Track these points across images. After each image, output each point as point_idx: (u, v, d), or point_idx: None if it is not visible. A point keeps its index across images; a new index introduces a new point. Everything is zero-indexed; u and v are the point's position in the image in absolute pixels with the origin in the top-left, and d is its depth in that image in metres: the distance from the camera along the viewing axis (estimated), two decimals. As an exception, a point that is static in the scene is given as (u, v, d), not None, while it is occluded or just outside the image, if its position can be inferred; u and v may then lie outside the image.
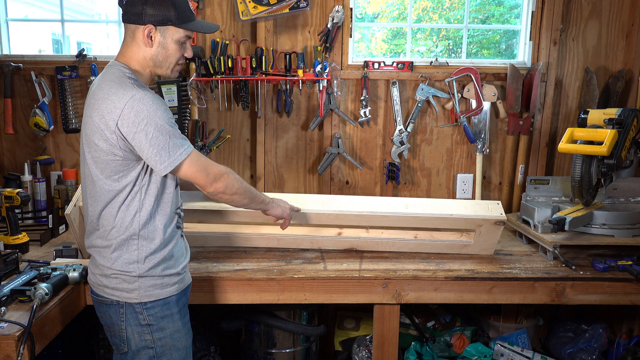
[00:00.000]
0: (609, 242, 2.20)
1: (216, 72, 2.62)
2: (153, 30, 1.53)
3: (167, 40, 1.56)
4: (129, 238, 1.55)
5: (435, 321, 2.76)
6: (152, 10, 1.51)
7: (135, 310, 1.56)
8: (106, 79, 1.52)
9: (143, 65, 1.58)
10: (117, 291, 1.56)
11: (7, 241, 2.15)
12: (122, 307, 1.57)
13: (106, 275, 1.57)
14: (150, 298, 1.57)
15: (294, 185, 2.88)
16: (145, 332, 1.57)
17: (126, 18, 1.54)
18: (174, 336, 1.62)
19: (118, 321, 1.58)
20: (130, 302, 1.56)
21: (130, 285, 1.55)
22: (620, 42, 2.79)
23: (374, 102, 2.80)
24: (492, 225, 2.15)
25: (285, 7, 2.61)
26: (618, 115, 2.19)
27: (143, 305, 1.56)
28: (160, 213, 1.58)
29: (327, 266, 2.08)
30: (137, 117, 1.45)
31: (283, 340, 2.48)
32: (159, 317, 1.58)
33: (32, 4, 4.27)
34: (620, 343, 2.68)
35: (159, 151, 1.48)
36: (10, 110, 2.69)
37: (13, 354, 1.48)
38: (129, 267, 1.55)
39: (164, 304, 1.59)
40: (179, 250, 1.66)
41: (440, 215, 2.14)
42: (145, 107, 1.46)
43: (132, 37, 1.55)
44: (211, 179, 1.59)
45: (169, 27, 1.55)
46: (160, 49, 1.56)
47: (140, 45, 1.55)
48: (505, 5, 2.93)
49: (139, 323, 1.57)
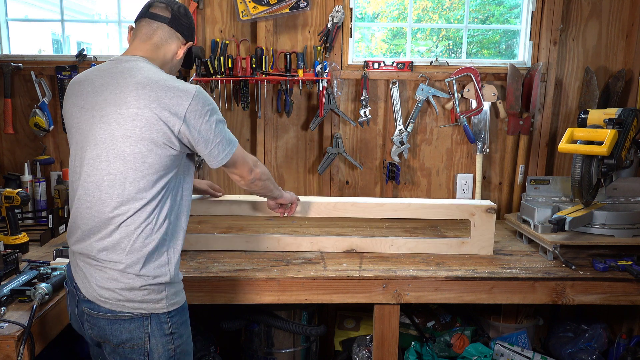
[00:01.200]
0: (609, 242, 2.20)
1: (216, 72, 2.62)
2: (185, 44, 1.64)
3: (181, 52, 1.65)
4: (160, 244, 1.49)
5: (435, 321, 2.76)
6: (192, 31, 1.66)
7: (161, 321, 1.50)
8: (154, 71, 1.50)
9: (165, 68, 1.62)
10: (145, 303, 1.47)
11: (7, 241, 2.15)
12: (147, 319, 1.48)
13: (133, 287, 1.46)
14: (174, 306, 1.52)
15: (294, 185, 2.88)
16: (169, 341, 1.52)
17: (174, 25, 1.58)
18: (188, 341, 1.59)
19: (141, 334, 1.48)
20: (156, 313, 1.49)
21: (158, 295, 1.49)
22: (620, 42, 2.79)
23: (374, 102, 2.80)
24: (484, 214, 2.20)
25: (285, 7, 2.61)
26: (618, 115, 2.19)
27: (169, 314, 1.51)
28: (184, 213, 1.58)
29: (327, 266, 2.08)
30: (204, 108, 1.48)
31: (283, 340, 2.48)
32: (179, 324, 1.55)
33: (32, 4, 4.28)
34: (620, 343, 2.68)
35: (221, 141, 1.53)
36: (10, 110, 2.69)
37: (13, 354, 1.48)
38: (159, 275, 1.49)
39: (182, 310, 1.56)
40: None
41: (434, 202, 2.26)
42: (208, 99, 1.51)
43: (169, 42, 1.59)
44: (252, 167, 1.69)
45: (185, 47, 1.65)
46: (178, 64, 1.67)
47: (170, 52, 1.60)
48: (505, 5, 2.93)
49: (164, 333, 1.51)
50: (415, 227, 2.61)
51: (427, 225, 2.64)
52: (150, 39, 1.57)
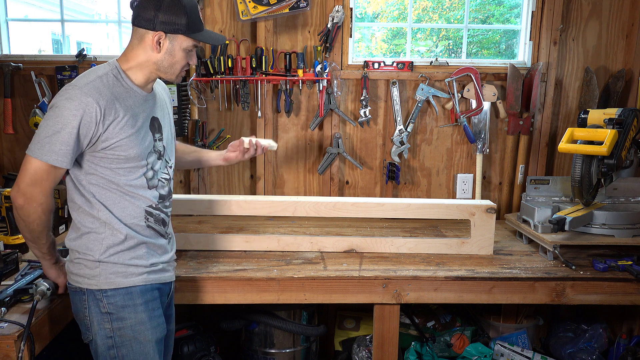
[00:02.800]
0: (609, 242, 2.20)
1: (216, 72, 2.62)
2: (163, 38, 1.54)
3: (175, 48, 1.57)
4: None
5: (435, 321, 2.77)
6: (165, 17, 1.51)
7: (96, 297, 1.57)
8: (86, 72, 1.56)
9: (143, 67, 1.58)
10: (80, 277, 1.58)
11: (7, 241, 2.15)
12: (85, 294, 1.58)
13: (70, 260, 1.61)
14: (112, 285, 1.58)
15: (294, 186, 2.88)
16: (105, 320, 1.58)
17: (136, 22, 1.54)
18: (135, 328, 1.60)
19: (82, 308, 1.59)
20: (91, 289, 1.57)
21: (92, 271, 1.57)
22: (620, 42, 2.79)
23: (374, 102, 2.80)
24: (484, 214, 2.20)
25: (285, 7, 2.61)
26: (618, 115, 2.19)
27: (103, 292, 1.57)
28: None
29: (327, 266, 2.08)
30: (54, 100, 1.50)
31: (283, 340, 2.48)
32: (119, 306, 1.58)
33: (32, 4, 4.28)
34: (620, 343, 2.68)
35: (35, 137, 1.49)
36: (10, 110, 2.69)
37: (13, 354, 1.48)
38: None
39: (127, 293, 1.59)
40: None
41: (434, 202, 2.25)
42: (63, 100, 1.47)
43: (140, 40, 1.55)
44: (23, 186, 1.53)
45: (179, 36, 1.55)
46: (167, 55, 1.57)
47: (147, 49, 1.55)
48: (505, 5, 2.93)
49: (100, 311, 1.57)
50: (415, 227, 2.61)
51: (427, 225, 2.64)
52: (128, 43, 1.59)
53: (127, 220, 1.59)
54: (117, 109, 1.51)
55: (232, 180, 2.87)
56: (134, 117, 1.55)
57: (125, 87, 1.56)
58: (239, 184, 2.87)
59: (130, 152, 1.55)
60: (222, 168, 2.84)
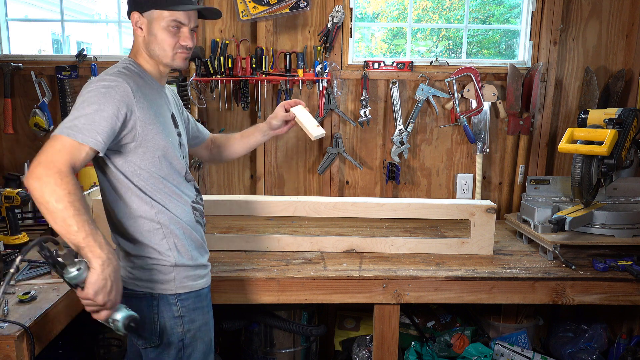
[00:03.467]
0: (609, 242, 2.20)
1: (216, 72, 2.62)
2: (139, 17, 1.49)
3: (153, 26, 1.49)
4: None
5: (435, 321, 2.77)
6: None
7: (170, 302, 1.54)
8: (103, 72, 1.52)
9: (144, 57, 1.55)
10: (152, 283, 1.53)
11: (7, 241, 2.15)
12: (156, 300, 1.53)
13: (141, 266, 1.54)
14: (185, 289, 1.55)
15: (294, 186, 2.88)
16: (178, 324, 1.56)
17: (130, 5, 1.52)
18: (201, 329, 1.61)
19: (150, 314, 1.53)
20: (165, 294, 1.54)
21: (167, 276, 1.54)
22: (620, 42, 2.79)
23: (374, 102, 2.80)
24: (484, 214, 2.20)
25: (285, 7, 2.61)
26: (618, 115, 2.19)
27: (178, 296, 1.55)
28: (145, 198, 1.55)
29: (327, 266, 2.08)
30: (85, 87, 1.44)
31: (283, 340, 2.48)
32: (191, 309, 1.58)
33: (32, 4, 4.28)
34: (620, 343, 2.68)
35: (70, 115, 1.39)
36: (10, 110, 2.69)
37: (13, 354, 1.48)
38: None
39: (197, 296, 1.59)
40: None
41: (434, 202, 2.25)
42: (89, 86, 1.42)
43: (133, 27, 1.53)
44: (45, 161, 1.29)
45: (152, 12, 1.48)
46: (149, 37, 1.50)
47: (137, 36, 1.53)
48: (505, 5, 2.93)
49: (173, 315, 1.55)
50: (415, 227, 2.61)
51: (427, 225, 2.64)
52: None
53: (184, 218, 1.56)
54: (144, 97, 1.46)
55: (232, 180, 2.87)
56: (159, 107, 1.53)
57: (144, 78, 1.53)
58: (239, 184, 2.87)
59: (164, 143, 1.49)
60: (222, 168, 2.84)
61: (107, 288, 1.28)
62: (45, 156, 1.28)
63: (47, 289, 1.80)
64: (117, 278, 1.32)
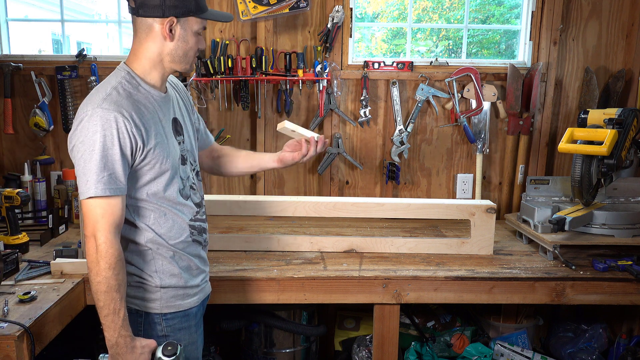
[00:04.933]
0: (609, 242, 2.20)
1: (216, 72, 2.62)
2: (174, 23, 1.42)
3: (187, 32, 1.46)
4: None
5: (435, 321, 2.76)
6: (173, 1, 1.40)
7: (154, 321, 1.51)
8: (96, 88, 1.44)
9: (156, 63, 1.47)
10: (137, 300, 1.50)
11: (7, 241, 2.15)
12: (141, 317, 1.51)
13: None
14: (171, 309, 1.52)
15: (294, 186, 2.88)
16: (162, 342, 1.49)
17: (141, 11, 1.41)
18: (187, 348, 1.57)
19: (135, 330, 1.47)
20: (150, 312, 1.50)
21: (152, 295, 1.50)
22: (620, 42, 2.79)
23: (374, 102, 2.80)
24: (484, 214, 2.20)
25: (285, 7, 2.61)
26: (618, 115, 2.19)
27: (163, 316, 1.51)
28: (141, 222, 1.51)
29: (327, 266, 2.08)
30: (70, 134, 1.38)
31: (283, 340, 2.48)
32: (176, 329, 1.54)
33: (32, 4, 4.28)
34: (620, 343, 2.68)
35: (80, 176, 1.36)
36: (10, 110, 2.69)
37: (13, 354, 1.48)
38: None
39: (184, 315, 1.55)
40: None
41: (434, 202, 2.25)
42: (82, 131, 1.34)
43: (148, 32, 1.43)
44: (95, 232, 1.34)
45: (189, 19, 1.45)
46: (180, 42, 1.45)
47: (158, 40, 1.44)
48: (505, 5, 2.93)
49: (157, 334, 1.51)
50: (415, 227, 2.61)
51: (427, 225, 2.64)
52: (134, 39, 1.47)
53: (177, 239, 1.52)
54: (140, 121, 1.39)
55: (232, 180, 2.87)
56: (157, 124, 1.45)
57: (143, 93, 1.45)
58: (239, 184, 2.87)
59: (164, 164, 1.45)
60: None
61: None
62: (92, 224, 1.33)
63: (47, 289, 1.80)
64: (129, 356, 1.36)
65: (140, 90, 1.45)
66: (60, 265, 1.92)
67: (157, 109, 1.48)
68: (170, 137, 1.50)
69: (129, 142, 1.36)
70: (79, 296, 1.88)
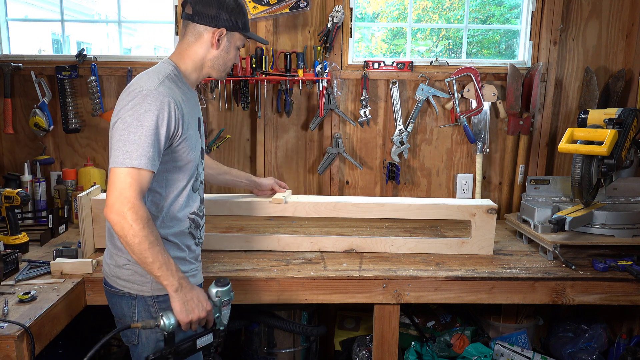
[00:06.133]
0: (609, 242, 2.20)
1: (216, 72, 2.61)
2: (223, 34, 1.59)
3: (231, 45, 1.63)
4: None
5: (435, 321, 2.77)
6: (227, 15, 1.58)
7: (147, 303, 1.57)
8: (144, 74, 1.54)
9: (197, 66, 1.62)
10: (130, 283, 1.56)
11: (7, 241, 2.15)
12: (134, 300, 1.57)
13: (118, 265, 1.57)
14: (162, 292, 1.56)
15: (294, 185, 2.88)
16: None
17: (197, 19, 1.57)
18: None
19: (130, 313, 1.58)
20: (142, 295, 1.56)
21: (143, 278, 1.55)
22: (620, 42, 2.79)
23: (374, 102, 2.80)
24: (485, 215, 2.20)
25: (285, 7, 2.61)
26: (618, 115, 2.19)
27: (155, 298, 1.57)
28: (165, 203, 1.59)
29: (327, 266, 2.08)
30: (121, 106, 1.45)
31: (283, 340, 2.48)
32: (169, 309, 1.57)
33: (32, 4, 4.28)
34: (620, 343, 2.68)
35: (118, 144, 1.42)
36: (10, 110, 2.69)
37: (13, 354, 1.48)
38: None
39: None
40: None
41: (434, 202, 2.24)
42: (138, 104, 1.42)
43: (197, 37, 1.59)
44: (120, 196, 1.39)
45: (235, 34, 1.63)
46: (223, 52, 1.62)
47: (205, 46, 1.60)
48: (505, 5, 2.93)
49: (151, 316, 1.57)
50: (415, 227, 2.61)
51: (427, 225, 2.64)
52: (182, 38, 1.62)
53: (172, 230, 1.58)
54: (183, 110, 1.52)
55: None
56: (192, 117, 1.58)
57: (182, 89, 1.58)
58: (239, 184, 2.87)
59: (190, 156, 1.56)
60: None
61: (193, 304, 1.47)
62: (119, 191, 1.38)
63: (47, 289, 1.80)
64: (194, 292, 1.48)
65: (181, 86, 1.58)
66: (60, 265, 1.93)
67: (192, 105, 1.62)
68: (197, 132, 1.63)
69: (173, 127, 1.48)
70: (79, 296, 1.88)
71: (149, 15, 2.93)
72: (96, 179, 2.73)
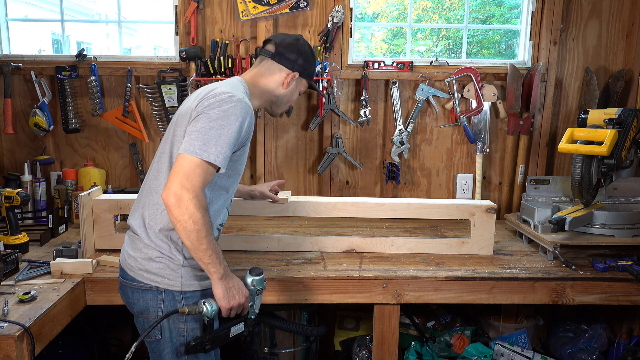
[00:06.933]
0: (609, 242, 2.20)
1: (216, 72, 2.62)
2: (294, 78, 1.75)
3: (297, 89, 1.80)
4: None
5: (435, 321, 2.76)
6: (303, 62, 1.75)
7: (175, 298, 1.58)
8: (224, 82, 1.63)
9: (262, 97, 1.75)
10: (159, 277, 1.57)
11: (7, 241, 2.15)
12: (162, 294, 1.57)
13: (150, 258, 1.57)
14: (190, 287, 1.58)
15: (294, 185, 2.88)
16: (180, 320, 1.58)
17: (277, 58, 1.72)
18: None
19: (155, 307, 1.58)
20: (170, 289, 1.57)
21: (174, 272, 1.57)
22: (620, 42, 2.79)
23: (374, 102, 2.80)
24: (484, 214, 2.20)
25: (285, 7, 2.61)
26: (618, 115, 2.19)
27: (183, 294, 1.58)
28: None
29: (327, 266, 2.08)
30: (209, 103, 1.51)
31: (283, 340, 2.48)
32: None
33: (32, 4, 4.28)
34: (620, 343, 2.68)
35: (198, 135, 1.46)
36: (10, 110, 2.69)
37: (13, 354, 1.48)
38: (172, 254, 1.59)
39: (203, 295, 1.61)
40: None
41: (434, 202, 2.25)
42: (226, 106, 1.50)
43: (271, 73, 1.73)
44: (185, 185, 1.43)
45: (304, 80, 1.80)
46: (289, 93, 1.78)
47: (275, 83, 1.74)
48: (506, 5, 2.93)
49: None
50: (415, 227, 2.61)
51: (427, 225, 2.64)
52: (256, 67, 1.76)
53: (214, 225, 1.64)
54: (251, 126, 1.60)
55: (232, 180, 2.86)
56: (251, 136, 1.67)
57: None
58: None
59: (241, 167, 1.67)
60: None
61: (234, 290, 1.55)
62: (186, 178, 1.42)
63: (47, 289, 1.80)
64: (234, 280, 1.57)
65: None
66: (60, 265, 1.93)
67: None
68: (248, 150, 1.71)
69: (245, 137, 1.58)
70: (79, 296, 1.88)
71: (149, 15, 2.93)
72: (96, 179, 2.73)
